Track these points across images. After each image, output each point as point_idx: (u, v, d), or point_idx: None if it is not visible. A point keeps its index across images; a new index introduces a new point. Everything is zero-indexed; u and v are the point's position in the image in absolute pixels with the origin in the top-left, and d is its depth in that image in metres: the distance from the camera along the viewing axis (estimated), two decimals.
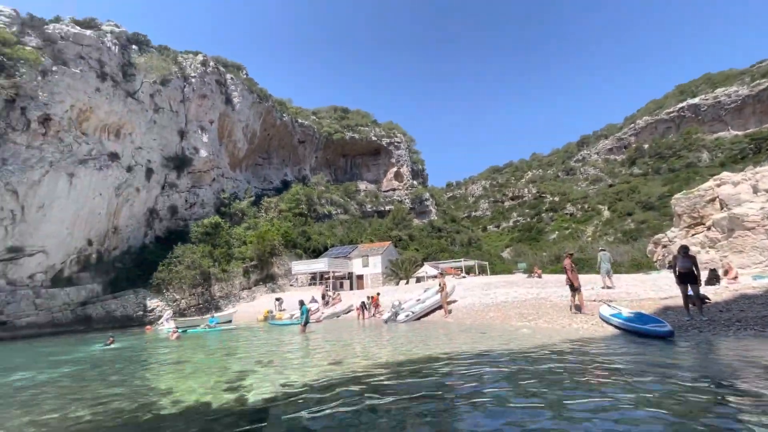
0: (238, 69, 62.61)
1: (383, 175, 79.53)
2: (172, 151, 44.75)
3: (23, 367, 12.40)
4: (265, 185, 64.76)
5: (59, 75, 31.63)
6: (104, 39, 37.84)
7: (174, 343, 18.43)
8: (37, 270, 29.32)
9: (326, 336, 16.57)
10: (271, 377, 7.77)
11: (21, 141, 28.60)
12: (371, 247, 45.70)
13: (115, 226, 37.04)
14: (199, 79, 49.53)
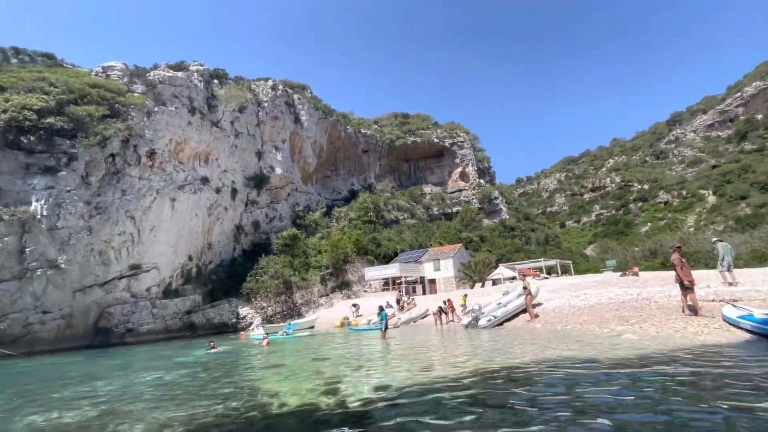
0: (303, 89, 66.54)
1: (448, 177, 78.33)
2: (251, 171, 48.89)
3: (152, 368, 14.32)
4: (335, 196, 67.61)
5: (160, 114, 36.52)
6: (192, 78, 42.89)
7: (265, 348, 19.90)
8: (152, 284, 33.84)
9: (407, 341, 16.62)
10: (364, 381, 7.98)
11: (134, 174, 33.47)
12: (441, 250, 45.12)
13: (209, 243, 41.40)
14: (271, 103, 53.61)
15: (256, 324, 27.85)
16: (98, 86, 32.85)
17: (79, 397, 9.58)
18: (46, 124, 27.66)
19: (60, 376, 14.83)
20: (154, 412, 6.95)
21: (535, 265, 39.25)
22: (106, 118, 31.53)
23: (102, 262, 29.73)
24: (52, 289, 26.05)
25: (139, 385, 10.73)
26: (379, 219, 57.76)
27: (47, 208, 26.63)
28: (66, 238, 27.19)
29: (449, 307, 20.90)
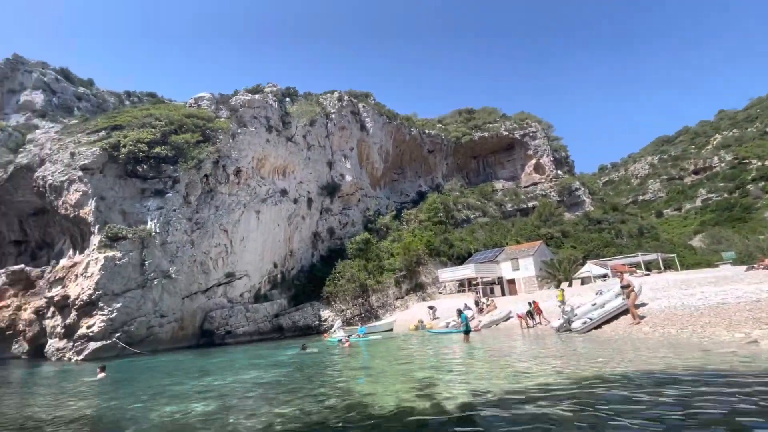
0: (366, 96, 68.26)
1: (521, 171, 74.21)
2: (324, 180, 51.36)
3: (252, 367, 15.65)
4: (403, 198, 68.03)
5: (242, 135, 40.21)
6: (267, 99, 46.53)
7: (348, 350, 20.56)
8: (244, 290, 37.17)
9: (492, 345, 15.95)
10: (458, 386, 7.77)
11: (224, 191, 37.21)
12: (519, 248, 42.77)
13: (290, 250, 44.31)
14: (338, 114, 55.89)
15: (336, 326, 29.01)
16: (192, 116, 37.23)
17: (199, 390, 10.78)
18: (155, 153, 32.05)
19: (179, 371, 16.90)
20: (263, 409, 7.52)
21: (630, 260, 35.26)
22: (199, 143, 35.54)
23: (203, 271, 33.45)
24: (166, 296, 29.96)
25: (244, 382, 11.75)
26: (450, 219, 56.70)
27: (159, 226, 30.76)
28: (175, 251, 31.11)
29: (535, 309, 19.64)
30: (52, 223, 38.54)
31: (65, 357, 26.15)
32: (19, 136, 52.68)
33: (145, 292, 28.83)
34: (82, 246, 31.11)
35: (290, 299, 40.98)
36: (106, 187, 30.84)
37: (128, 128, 33.91)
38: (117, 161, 31.39)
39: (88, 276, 27.55)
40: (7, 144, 48.93)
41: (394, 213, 57.27)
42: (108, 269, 27.28)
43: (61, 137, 37.20)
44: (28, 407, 10.65)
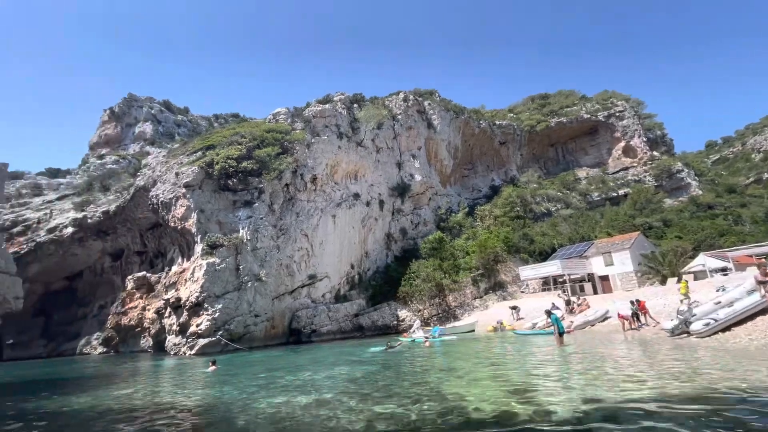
0: (431, 94, 67.50)
1: (607, 155, 67.15)
2: (394, 182, 51.89)
3: (341, 363, 16.28)
4: (475, 194, 65.88)
5: (316, 144, 42.42)
6: (336, 107, 48.50)
7: (428, 350, 20.34)
8: (325, 291, 39.04)
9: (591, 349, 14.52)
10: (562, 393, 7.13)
11: (303, 198, 39.57)
12: (612, 241, 38.65)
13: (365, 252, 45.50)
14: (404, 114, 56.11)
15: (416, 326, 28.97)
16: (272, 130, 40.28)
17: (298, 385, 11.44)
18: (242, 167, 35.26)
19: (276, 366, 18.24)
20: (361, 406, 7.65)
21: (758, 250, 29.71)
22: (279, 155, 38.26)
23: (288, 273, 35.87)
24: (258, 297, 32.69)
25: (337, 378, 12.21)
26: (528, 213, 53.43)
27: (249, 233, 33.72)
28: (263, 256, 33.84)
29: (641, 308, 17.47)
30: (164, 235, 44.48)
31: (181, 351, 29.90)
32: (136, 162, 61.99)
33: (240, 294, 31.79)
34: (189, 254, 35.36)
35: (368, 299, 42.03)
36: (204, 200, 34.71)
37: (219, 147, 37.80)
38: (212, 177, 35.16)
39: (194, 280, 31.22)
40: (128, 170, 57.87)
41: (466, 210, 55.73)
42: (210, 274, 30.63)
43: (167, 160, 42.79)
44: (156, 395, 12.27)
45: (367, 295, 42.54)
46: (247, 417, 7.82)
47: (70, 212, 50.23)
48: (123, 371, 22.83)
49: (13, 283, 20.31)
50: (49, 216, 50.50)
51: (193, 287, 30.74)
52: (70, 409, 10.66)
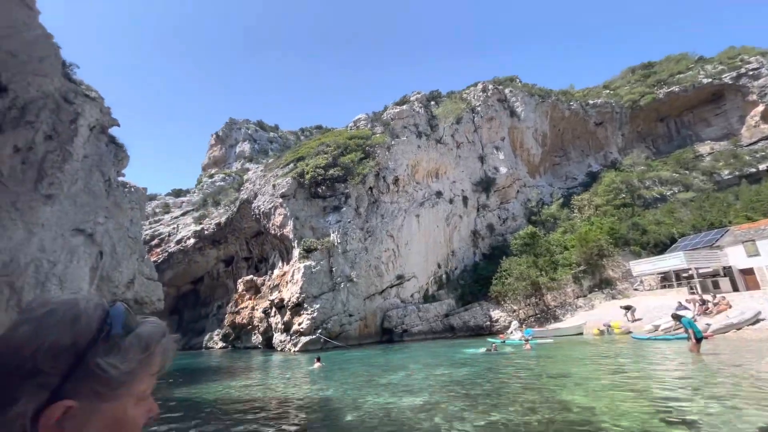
0: (511, 81, 63.63)
1: (739, 124, 55.73)
2: (477, 176, 49.96)
3: (439, 365, 15.98)
4: (569, 183, 60.16)
5: (396, 146, 42.87)
6: (413, 107, 48.46)
7: (529, 353, 18.87)
8: (414, 291, 39.11)
9: (742, 359, 11.95)
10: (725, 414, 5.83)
11: (387, 200, 40.25)
12: (756, 226, 31.87)
13: (452, 250, 44.52)
14: (483, 105, 53.74)
15: (513, 328, 27.30)
16: (354, 137, 41.83)
17: (402, 384, 11.43)
18: (330, 175, 37.19)
19: (375, 365, 18.66)
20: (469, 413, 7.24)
21: None
22: (362, 160, 39.51)
23: (377, 274, 36.73)
24: (351, 297, 34.06)
25: (439, 379, 11.92)
26: (636, 200, 46.96)
27: (339, 237, 35.36)
28: (353, 258, 35.18)
29: None
30: (265, 241, 49.12)
31: (286, 348, 32.53)
32: (239, 178, 69.77)
33: (335, 295, 33.46)
34: (288, 258, 38.40)
35: (457, 299, 41.00)
36: (298, 208, 37.40)
37: (308, 158, 40.44)
38: (303, 186, 37.73)
39: (294, 282, 33.76)
40: (233, 186, 65.41)
41: (560, 201, 51.15)
42: (307, 276, 32.82)
43: (265, 174, 47.14)
44: (269, 389, 13.33)
45: (456, 294, 41.53)
46: (358, 415, 7.95)
47: (192, 226, 58.45)
48: (240, 365, 25.58)
49: (156, 288, 24.10)
50: (176, 230, 59.44)
51: (294, 288, 33.24)
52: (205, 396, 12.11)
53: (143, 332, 0.71)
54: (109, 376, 0.63)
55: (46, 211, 19.04)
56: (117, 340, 0.67)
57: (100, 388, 0.63)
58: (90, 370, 0.62)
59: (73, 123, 20.72)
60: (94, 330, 0.65)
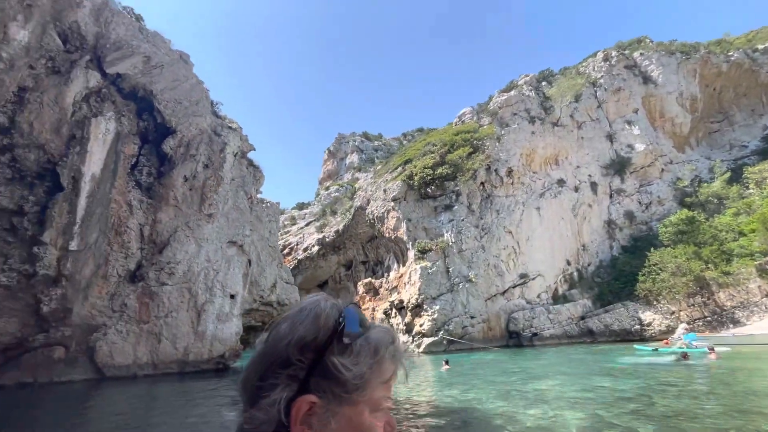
0: (639, 42, 53.99)
1: None
2: (606, 158, 43.51)
3: (592, 373, 13.80)
4: (735, 153, 47.95)
5: (506, 135, 40.03)
6: (522, 91, 44.73)
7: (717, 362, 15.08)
8: (540, 290, 35.67)
9: None
10: None
11: (501, 194, 37.75)
12: None
13: (582, 244, 39.42)
14: (607, 76, 46.68)
15: (680, 333, 22.48)
16: (460, 132, 40.51)
17: (555, 396, 10.01)
18: (438, 174, 36.59)
19: (509, 369, 17.16)
20: None
21: None
22: (470, 155, 37.91)
23: (497, 274, 34.55)
24: (471, 298, 32.68)
25: (600, 392, 10.12)
26: None
27: (453, 236, 34.38)
28: (470, 257, 33.78)
29: None
30: (380, 245, 50.91)
31: (410, 349, 32.77)
32: (350, 187, 74.38)
33: (454, 296, 32.52)
34: (403, 260, 38.94)
35: (594, 299, 35.99)
36: (410, 210, 37.67)
37: (415, 159, 40.56)
38: (413, 188, 37.90)
39: (411, 284, 33.94)
40: (346, 195, 69.98)
41: (727, 175, 41.11)
42: (424, 277, 32.64)
43: (375, 180, 49.03)
44: (411, 390, 13.10)
45: (592, 294, 36.50)
46: (519, 429, 7.00)
47: (315, 234, 64.25)
48: None
49: (293, 291, 26.75)
50: (302, 239, 66.09)
51: (412, 290, 33.40)
52: None
53: (372, 336, 0.70)
54: (343, 377, 0.65)
55: (209, 227, 22.68)
56: (349, 342, 0.68)
57: (336, 389, 0.65)
58: (328, 368, 0.65)
59: (222, 152, 24.37)
60: (330, 327, 0.68)
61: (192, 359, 20.09)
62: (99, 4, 20.47)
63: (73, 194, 18.36)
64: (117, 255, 19.44)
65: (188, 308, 20.37)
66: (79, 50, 19.90)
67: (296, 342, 0.67)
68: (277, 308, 25.58)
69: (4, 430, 9.33)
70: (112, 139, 20.12)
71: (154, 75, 22.02)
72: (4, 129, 17.31)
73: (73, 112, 19.17)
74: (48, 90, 18.57)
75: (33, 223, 17.35)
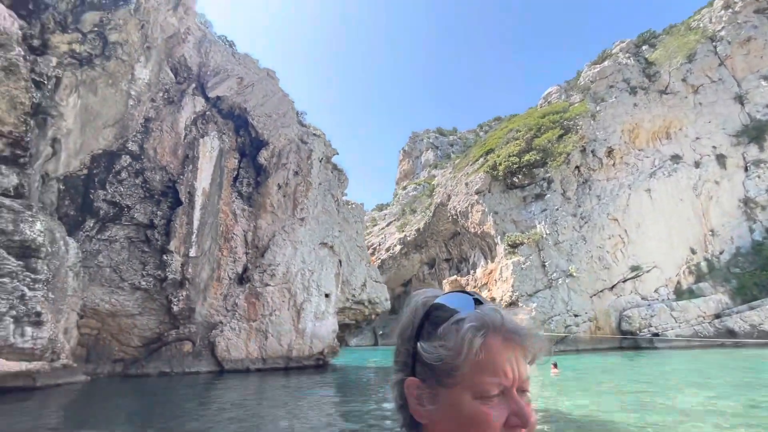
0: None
1: None
2: (735, 124, 36.19)
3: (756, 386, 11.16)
4: None
5: (603, 111, 35.59)
6: (618, 60, 39.42)
7: None
8: (658, 284, 30.92)
9: None
10: None
11: (601, 177, 33.64)
12: None
13: (710, 229, 33.29)
14: (729, 26, 38.75)
15: None
16: (547, 114, 37.19)
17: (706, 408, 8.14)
18: (525, 161, 33.99)
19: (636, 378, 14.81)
20: None
21: None
22: (561, 137, 34.52)
23: (603, 267, 30.81)
24: (573, 295, 29.62)
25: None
26: None
27: (548, 227, 31.57)
28: (569, 249, 30.68)
29: None
30: (463, 241, 49.25)
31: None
32: (428, 185, 73.55)
33: (552, 292, 29.82)
34: (491, 255, 36.99)
35: (733, 294, 30.09)
36: (495, 202, 35.64)
37: (497, 148, 38.30)
38: (498, 179, 35.78)
39: (503, 280, 31.97)
40: (424, 193, 69.34)
41: None
42: (517, 273, 30.49)
43: (454, 174, 47.58)
44: None
45: (730, 287, 30.57)
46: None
47: (396, 234, 64.83)
48: None
49: (382, 289, 26.96)
50: (384, 239, 67.17)
51: (504, 287, 31.47)
52: None
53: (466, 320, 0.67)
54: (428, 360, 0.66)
55: (302, 231, 23.89)
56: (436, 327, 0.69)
57: (430, 372, 0.67)
58: (419, 353, 0.68)
59: (309, 158, 25.54)
60: (420, 316, 0.71)
61: (295, 355, 21.28)
62: (200, 36, 22.91)
63: (190, 207, 20.72)
64: (227, 259, 21.47)
65: (289, 307, 21.63)
66: (187, 80, 22.48)
67: (401, 331, 0.74)
68: (369, 306, 26.00)
69: (153, 410, 10.70)
70: (216, 156, 22.34)
71: (246, 94, 23.96)
72: (136, 155, 20.24)
73: (185, 135, 21.68)
74: (165, 118, 21.28)
75: (161, 234, 19.98)
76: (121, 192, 19.54)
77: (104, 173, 19.21)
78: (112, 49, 17.65)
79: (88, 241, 18.51)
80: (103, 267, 18.96)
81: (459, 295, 0.73)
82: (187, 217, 20.59)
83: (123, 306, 18.78)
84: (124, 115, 18.85)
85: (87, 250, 18.08)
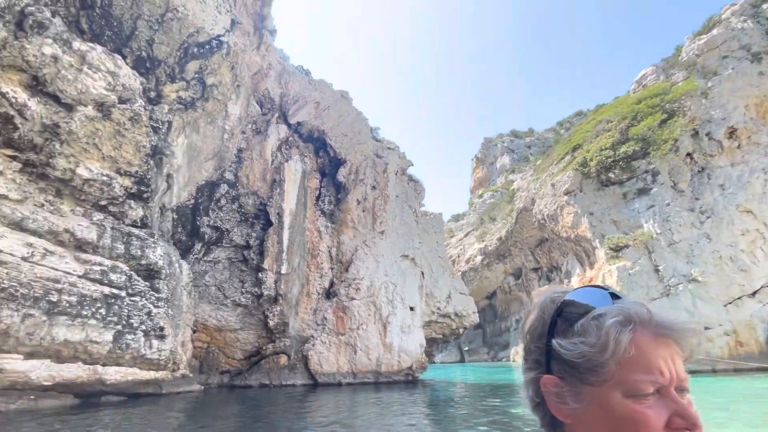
0: None
1: None
2: None
3: None
4: None
5: (717, 86, 30.27)
6: (731, 25, 33.47)
7: None
8: None
9: None
10: None
11: (722, 163, 28.36)
12: None
13: None
14: None
15: None
16: (643, 99, 32.84)
17: None
18: (621, 153, 30.21)
19: None
20: None
21: None
22: (664, 122, 30.12)
23: (739, 269, 25.58)
24: (700, 303, 24.99)
25: None
26: None
27: (657, 226, 27.37)
28: (689, 250, 26.14)
29: None
30: (552, 248, 45.24)
31: None
32: (506, 191, 69.81)
33: (671, 301, 25.48)
34: (589, 261, 33.24)
35: None
36: (589, 202, 32.14)
37: (585, 143, 34.81)
38: (589, 176, 32.33)
39: None
40: (504, 199, 65.86)
41: None
42: (624, 279, 26.76)
43: (537, 176, 44.40)
44: None
45: None
46: None
47: (475, 244, 62.32)
48: None
49: (468, 301, 25.68)
50: (463, 250, 65.01)
51: None
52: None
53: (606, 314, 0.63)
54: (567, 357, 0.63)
55: (382, 244, 23.97)
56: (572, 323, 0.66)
57: (570, 369, 0.64)
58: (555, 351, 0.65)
59: (385, 172, 25.77)
60: (551, 313, 0.69)
61: (384, 370, 21.05)
62: (280, 69, 24.89)
63: (279, 227, 22.13)
64: (314, 275, 22.35)
65: (375, 321, 21.61)
66: (271, 110, 24.46)
67: (531, 329, 0.72)
68: (455, 320, 24.87)
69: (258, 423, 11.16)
70: (300, 178, 23.69)
71: (323, 116, 25.23)
72: (232, 183, 22.36)
73: (272, 161, 23.43)
74: (254, 147, 23.28)
75: (256, 254, 21.57)
76: (222, 217, 21.66)
77: (207, 201, 21.50)
78: (210, 91, 19.90)
79: (197, 262, 20.71)
80: (210, 286, 21.02)
81: (591, 290, 0.69)
82: (277, 236, 21.99)
83: (227, 321, 20.50)
84: (221, 148, 21.02)
85: (196, 271, 20.22)
